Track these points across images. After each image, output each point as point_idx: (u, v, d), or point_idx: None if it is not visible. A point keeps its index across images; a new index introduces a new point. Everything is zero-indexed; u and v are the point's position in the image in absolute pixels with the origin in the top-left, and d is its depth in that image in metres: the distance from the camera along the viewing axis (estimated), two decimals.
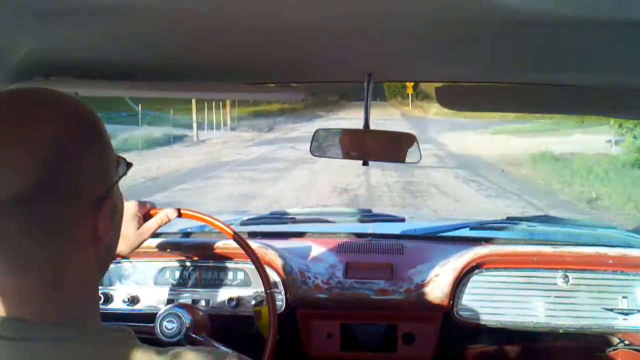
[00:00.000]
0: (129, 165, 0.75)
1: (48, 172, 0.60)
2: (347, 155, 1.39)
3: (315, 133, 1.45)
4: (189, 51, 1.02)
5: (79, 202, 0.64)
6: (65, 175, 0.62)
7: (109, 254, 0.75)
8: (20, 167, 0.59)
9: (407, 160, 1.39)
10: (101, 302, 1.61)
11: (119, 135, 15.66)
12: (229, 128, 25.03)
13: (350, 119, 27.61)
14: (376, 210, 2.36)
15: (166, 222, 1.39)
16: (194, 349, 0.69)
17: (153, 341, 1.36)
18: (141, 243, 1.36)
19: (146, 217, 1.36)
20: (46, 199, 0.60)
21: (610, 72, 1.10)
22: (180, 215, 1.42)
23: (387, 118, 29.42)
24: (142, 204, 1.35)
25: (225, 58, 1.09)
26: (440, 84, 1.36)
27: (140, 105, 17.27)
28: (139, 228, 1.32)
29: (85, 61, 1.05)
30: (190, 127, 21.52)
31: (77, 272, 0.66)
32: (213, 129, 23.06)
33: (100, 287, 1.54)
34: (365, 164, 1.36)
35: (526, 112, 2.11)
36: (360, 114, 1.31)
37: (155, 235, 1.41)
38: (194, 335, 1.39)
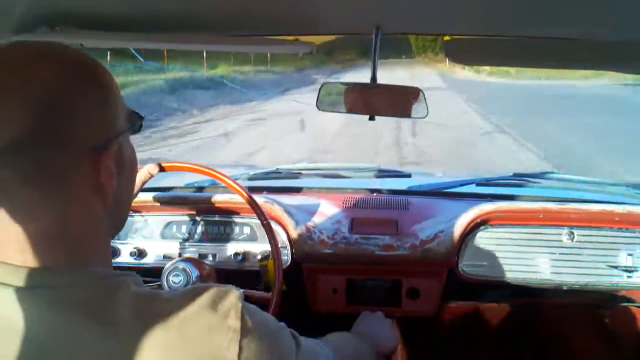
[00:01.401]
0: (141, 118, 0.76)
1: (41, 119, 0.61)
2: (353, 109, 1.38)
3: (321, 87, 1.44)
4: (196, 1, 0.99)
5: (75, 149, 0.64)
6: (60, 122, 0.62)
7: (120, 207, 0.75)
8: (13, 115, 0.60)
9: (413, 115, 1.37)
10: None
11: None
12: None
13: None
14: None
15: (150, 178, 1.39)
16: (199, 286, 0.69)
17: None
18: None
19: None
20: (41, 145, 0.61)
21: (618, 27, 1.07)
22: (162, 169, 1.41)
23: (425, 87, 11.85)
24: None
25: (230, 9, 1.07)
26: (448, 37, 1.33)
27: None
28: None
29: (90, 11, 1.03)
30: None
31: (81, 220, 0.67)
32: None
33: None
34: (371, 118, 1.35)
35: (535, 67, 2.06)
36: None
37: (161, 190, 1.40)
38: None
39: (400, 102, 1.37)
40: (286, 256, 1.66)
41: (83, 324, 0.62)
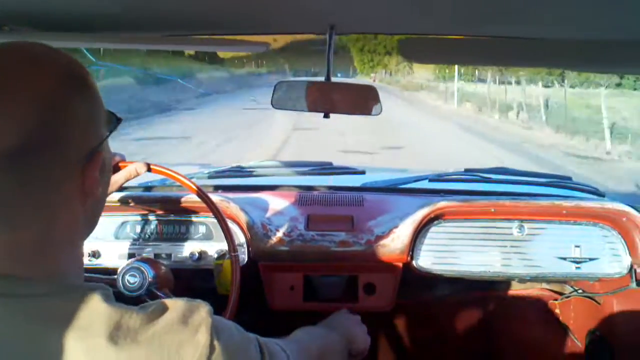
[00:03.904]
0: (118, 120, 0.76)
1: (39, 128, 0.61)
2: (308, 107, 1.38)
3: (276, 85, 1.43)
4: (149, 1, 0.98)
5: (69, 157, 0.65)
6: (56, 131, 0.63)
7: (97, 210, 0.77)
8: (12, 123, 0.60)
9: (368, 112, 1.38)
10: None
11: None
12: None
13: None
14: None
15: (134, 177, 1.35)
16: (169, 301, 0.70)
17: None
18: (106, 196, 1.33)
19: (114, 169, 1.31)
20: (37, 153, 0.61)
21: (572, 26, 1.10)
22: (149, 170, 1.39)
23: None
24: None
25: (185, 9, 1.06)
26: (402, 37, 1.34)
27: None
28: None
29: (40, 10, 1.00)
30: None
31: (65, 228, 0.67)
32: None
33: None
34: (326, 116, 1.35)
35: (489, 65, 2.11)
36: None
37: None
38: (156, 291, 1.38)
39: (356, 99, 1.38)
40: (243, 254, 1.66)
41: (55, 334, 0.62)
